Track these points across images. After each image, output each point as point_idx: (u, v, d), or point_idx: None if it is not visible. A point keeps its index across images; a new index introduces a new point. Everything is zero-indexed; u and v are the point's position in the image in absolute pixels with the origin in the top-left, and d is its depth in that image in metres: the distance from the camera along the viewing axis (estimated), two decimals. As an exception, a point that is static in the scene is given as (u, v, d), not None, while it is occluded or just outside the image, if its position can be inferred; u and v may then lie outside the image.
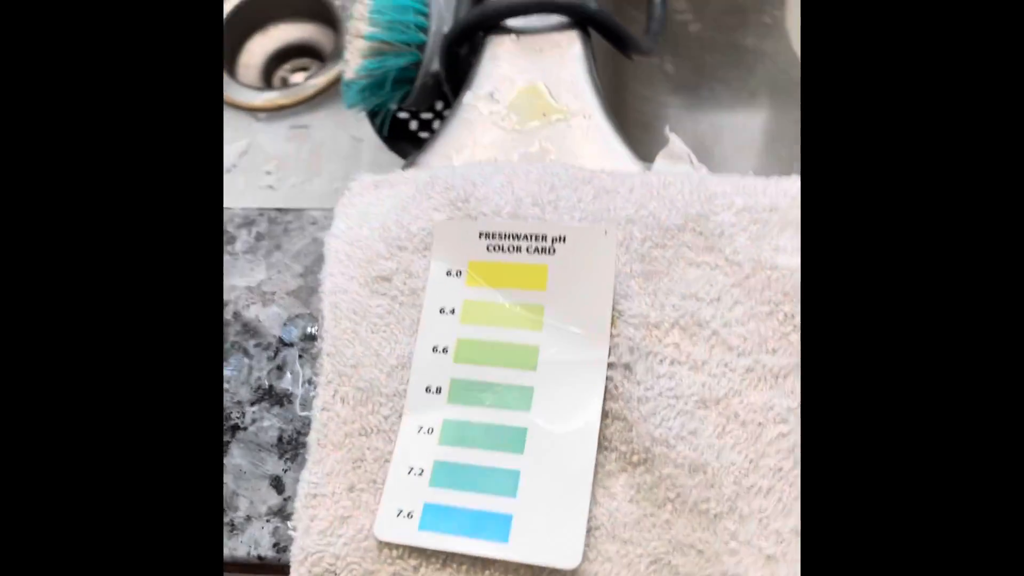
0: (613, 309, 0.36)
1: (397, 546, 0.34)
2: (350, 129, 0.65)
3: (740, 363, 0.35)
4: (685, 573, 0.32)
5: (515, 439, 0.35)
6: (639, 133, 0.67)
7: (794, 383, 0.35)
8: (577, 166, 0.40)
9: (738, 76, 0.70)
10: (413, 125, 0.62)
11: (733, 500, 0.33)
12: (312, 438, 0.36)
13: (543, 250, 0.37)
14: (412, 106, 0.54)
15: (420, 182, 0.41)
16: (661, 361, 0.36)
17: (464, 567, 0.34)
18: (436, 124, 0.61)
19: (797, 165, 0.39)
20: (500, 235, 0.37)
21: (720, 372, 0.35)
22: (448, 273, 0.38)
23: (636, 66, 0.67)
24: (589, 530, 0.33)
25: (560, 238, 0.36)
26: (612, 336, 0.35)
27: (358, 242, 0.40)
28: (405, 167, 0.44)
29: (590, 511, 0.33)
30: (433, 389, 0.36)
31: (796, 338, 0.35)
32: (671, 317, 0.36)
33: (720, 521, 0.33)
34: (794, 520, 0.32)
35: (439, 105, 0.60)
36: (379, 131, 0.58)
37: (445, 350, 0.37)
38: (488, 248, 0.37)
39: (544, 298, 0.36)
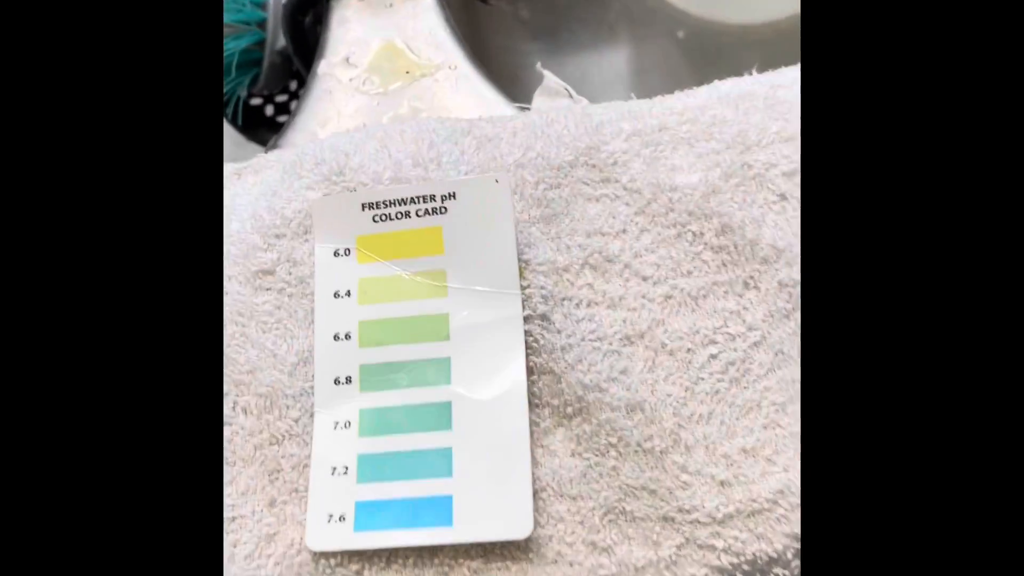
0: (519, 260, 0.33)
1: (334, 554, 0.31)
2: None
3: (657, 291, 0.34)
4: (641, 516, 0.31)
5: (440, 416, 0.32)
6: (507, 85, 0.65)
7: (715, 301, 0.33)
8: (453, 118, 0.38)
9: (595, 13, 0.69)
10: (269, 110, 0.57)
11: (676, 432, 0.32)
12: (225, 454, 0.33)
13: (434, 211, 0.34)
14: (264, 89, 0.50)
15: (287, 162, 0.38)
16: (578, 305, 0.34)
17: (411, 560, 0.31)
18: (294, 105, 0.57)
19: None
20: (384, 203, 0.34)
21: (639, 305, 0.34)
22: (336, 254, 0.35)
23: (492, 18, 0.64)
24: (535, 493, 0.31)
25: (450, 195, 0.34)
26: (523, 288, 0.33)
27: (229, 238, 0.36)
28: (268, 150, 0.41)
29: (533, 474, 0.31)
30: (342, 380, 0.33)
31: (709, 256, 0.34)
32: (579, 258, 0.35)
33: (667, 456, 0.31)
34: (739, 440, 0.31)
35: (293, 85, 0.56)
36: (232, 122, 0.53)
37: (348, 336, 0.34)
38: (374, 219, 0.34)
39: (444, 262, 0.34)
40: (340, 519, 0.31)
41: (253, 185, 0.38)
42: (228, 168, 0.39)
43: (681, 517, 0.31)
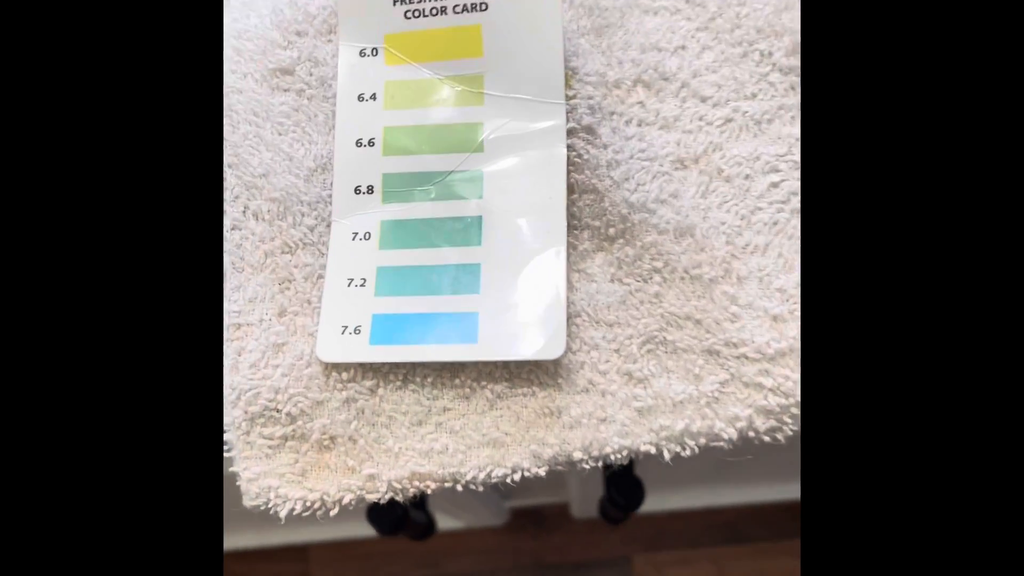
0: (566, 67, 0.30)
1: (347, 367, 0.29)
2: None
3: (716, 114, 0.31)
4: (684, 347, 0.28)
5: (469, 231, 0.29)
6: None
7: (780, 127, 0.30)
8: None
9: None
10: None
11: (728, 262, 0.29)
12: (226, 262, 0.30)
13: (474, 7, 0.30)
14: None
15: (312, -43, 0.34)
16: (628, 122, 0.30)
17: (430, 379, 0.29)
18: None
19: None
20: (419, -3, 0.31)
21: (695, 127, 0.30)
22: (362, 53, 0.31)
23: None
24: (568, 319, 0.28)
25: (493, -10, 0.30)
26: (568, 98, 0.30)
27: (246, 33, 0.33)
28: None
29: (568, 299, 0.28)
30: (363, 189, 0.30)
31: (777, 77, 0.31)
32: (632, 74, 0.31)
33: (716, 286, 0.28)
34: (798, 275, 0.28)
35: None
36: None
37: (371, 143, 0.31)
38: (406, 15, 0.31)
39: (481, 65, 0.30)
40: (355, 331, 0.29)
41: (274, -17, 0.35)
42: (248, -34, 0.36)
43: (728, 351, 0.28)
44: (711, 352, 0.28)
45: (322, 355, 0.28)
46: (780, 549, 0.99)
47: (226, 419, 0.29)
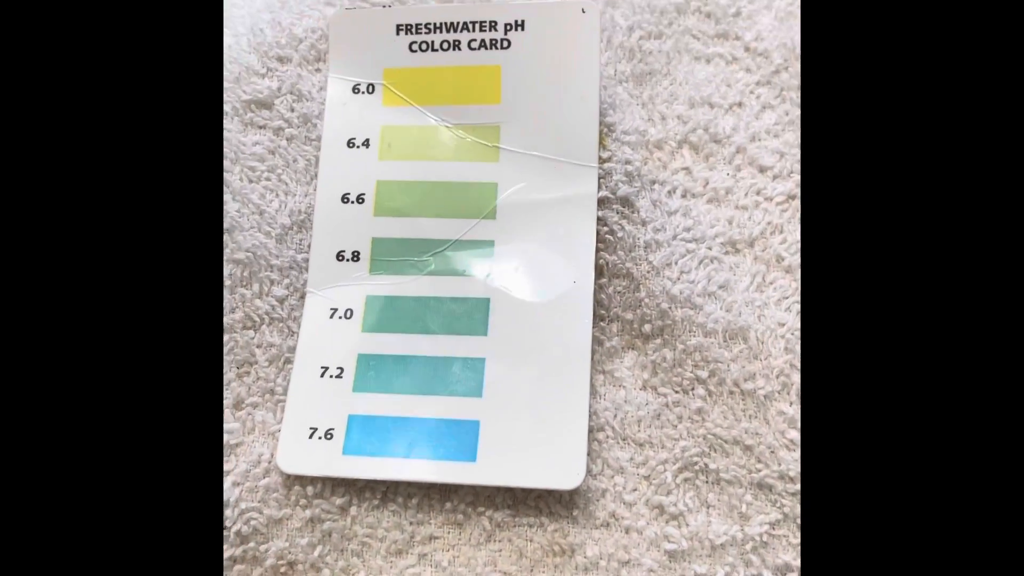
0: (600, 123, 0.25)
1: (313, 480, 0.23)
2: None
3: (777, 189, 0.26)
4: (728, 479, 0.23)
5: (474, 315, 0.24)
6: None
7: (855, 209, 0.25)
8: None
9: None
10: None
11: (787, 374, 0.23)
12: (172, 337, 0.25)
13: (494, 44, 0.25)
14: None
15: (302, -31, 0.29)
16: (671, 192, 0.25)
17: (415, 499, 0.23)
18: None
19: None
20: (428, 27, 0.26)
21: (751, 203, 0.25)
22: (355, 89, 0.26)
23: None
24: (590, 432, 0.23)
25: (517, 24, 0.25)
26: (601, 161, 0.25)
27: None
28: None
29: (590, 407, 0.23)
30: (348, 255, 0.25)
31: (852, 148, 0.25)
32: (678, 133, 0.26)
33: (772, 404, 0.23)
34: (870, 394, 0.23)
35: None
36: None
37: (360, 199, 0.25)
38: (411, 47, 0.26)
39: (499, 114, 0.25)
40: (327, 435, 0.23)
41: (256, -3, 0.29)
42: (227, -26, 0.30)
43: (782, 486, 0.23)
44: (762, 486, 0.23)
45: (284, 464, 0.23)
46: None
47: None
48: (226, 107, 0.27)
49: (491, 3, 0.26)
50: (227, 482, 0.23)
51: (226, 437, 0.24)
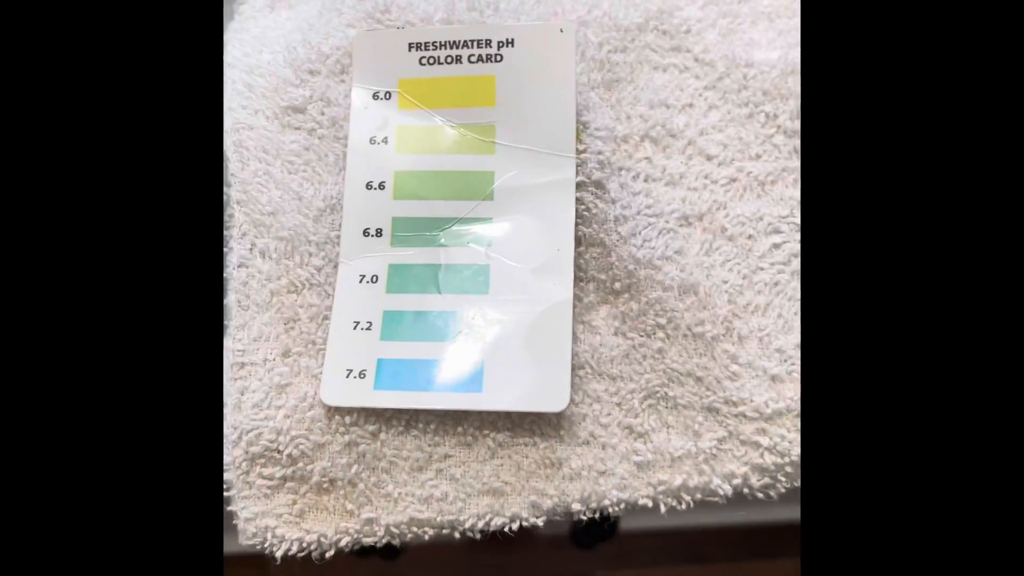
0: (577, 121, 0.31)
1: (349, 411, 0.29)
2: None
3: (721, 173, 0.31)
4: (684, 404, 0.29)
5: (477, 279, 0.30)
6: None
7: (783, 188, 0.31)
8: (514, -34, 0.35)
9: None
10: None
11: (729, 320, 0.29)
12: (231, 300, 0.30)
13: (489, 58, 0.31)
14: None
15: (326, -4, 0.34)
16: (635, 177, 0.31)
17: (432, 425, 0.29)
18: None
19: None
20: (434, 44, 0.31)
21: (700, 185, 0.31)
22: (375, 96, 0.32)
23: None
24: (572, 370, 0.29)
25: (508, 42, 0.31)
26: (578, 152, 0.30)
27: (258, 69, 0.33)
28: (302, -15, 0.37)
29: (572, 349, 0.29)
30: (372, 232, 0.31)
31: (781, 140, 0.31)
32: (640, 129, 0.32)
33: (717, 344, 0.29)
34: (796, 336, 0.29)
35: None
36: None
37: (382, 186, 0.31)
38: (421, 61, 0.31)
39: (494, 115, 0.31)
40: (360, 375, 0.29)
41: (287, 20, 0.35)
42: (259, 0, 0.36)
43: (727, 409, 0.28)
44: (710, 409, 0.29)
45: (326, 398, 0.29)
46: (739, 569, 1.00)
47: (226, 458, 0.28)
48: (267, 112, 0.32)
49: (486, 24, 0.32)
50: (279, 415, 0.29)
51: (278, 379, 0.29)
